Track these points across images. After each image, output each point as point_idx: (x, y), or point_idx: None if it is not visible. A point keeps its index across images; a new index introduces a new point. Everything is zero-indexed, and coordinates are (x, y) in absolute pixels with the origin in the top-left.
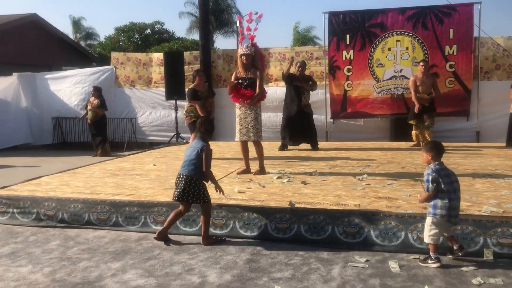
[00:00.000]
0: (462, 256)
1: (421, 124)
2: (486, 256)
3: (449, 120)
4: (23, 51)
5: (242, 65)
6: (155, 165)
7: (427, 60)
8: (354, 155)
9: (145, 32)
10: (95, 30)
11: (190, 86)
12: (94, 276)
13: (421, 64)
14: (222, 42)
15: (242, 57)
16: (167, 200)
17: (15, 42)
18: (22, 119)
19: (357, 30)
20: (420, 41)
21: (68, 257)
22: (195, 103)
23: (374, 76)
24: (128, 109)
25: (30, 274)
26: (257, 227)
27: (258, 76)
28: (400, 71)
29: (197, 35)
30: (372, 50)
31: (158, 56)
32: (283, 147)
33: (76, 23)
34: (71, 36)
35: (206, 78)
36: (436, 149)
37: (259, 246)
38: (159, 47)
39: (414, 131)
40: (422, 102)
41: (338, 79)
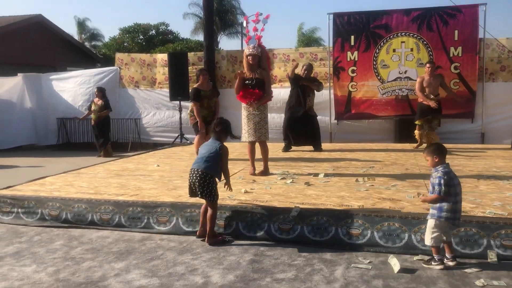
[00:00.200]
0: (452, 266)
1: (426, 125)
2: (490, 258)
3: (453, 122)
4: (28, 51)
5: (249, 65)
6: (159, 165)
7: (433, 61)
8: (358, 156)
9: (149, 33)
10: (100, 31)
11: (193, 86)
12: (98, 276)
13: (427, 65)
14: (227, 43)
15: (249, 57)
16: (170, 200)
17: (20, 43)
18: (27, 119)
19: (361, 31)
20: (425, 42)
21: (72, 257)
22: (194, 104)
23: (379, 77)
24: (132, 109)
25: (34, 273)
26: (260, 228)
27: (265, 77)
28: (405, 72)
29: (201, 36)
30: (377, 51)
31: (162, 57)
32: (287, 148)
33: (81, 24)
34: (76, 37)
35: (210, 77)
36: (441, 151)
37: (262, 247)
38: (163, 48)
39: (417, 131)
40: (434, 105)
41: (342, 80)
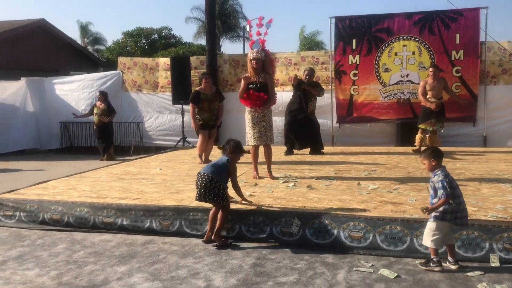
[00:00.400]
0: (454, 269)
1: (429, 129)
2: (492, 262)
3: (455, 125)
4: (31, 56)
5: (253, 69)
6: (161, 169)
7: (437, 65)
8: (360, 160)
9: (152, 37)
10: (103, 35)
11: (195, 89)
12: (100, 280)
13: (430, 69)
14: (229, 47)
15: (253, 61)
16: (173, 204)
17: (24, 47)
18: (30, 123)
19: (363, 35)
20: (427, 46)
21: (75, 260)
22: (191, 106)
23: (380, 81)
24: (134, 113)
25: (37, 277)
26: (263, 231)
27: (269, 81)
28: (407, 76)
29: (204, 40)
30: (379, 55)
31: (164, 61)
32: (289, 152)
33: (84, 28)
34: (79, 41)
35: (212, 81)
36: (438, 154)
37: (265, 250)
38: (166, 52)
39: (419, 135)
40: (436, 108)
41: (344, 83)
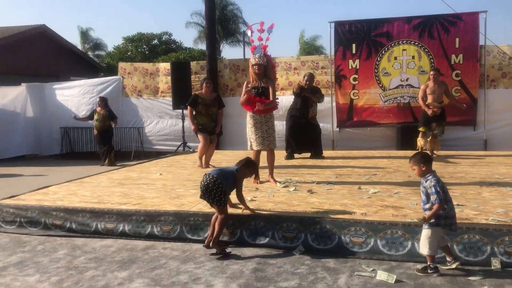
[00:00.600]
0: (455, 268)
1: (429, 133)
2: (493, 265)
3: (456, 129)
4: (32, 61)
5: (255, 74)
6: (161, 174)
7: (438, 69)
8: (360, 164)
9: (152, 43)
10: (103, 41)
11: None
12: (101, 285)
13: (431, 73)
14: (229, 52)
15: (255, 67)
16: (173, 209)
17: (24, 53)
18: (30, 129)
19: (363, 40)
20: (426, 50)
21: (75, 266)
22: (188, 110)
23: (380, 85)
24: (135, 118)
25: (37, 283)
26: (264, 236)
27: (270, 85)
28: (406, 80)
29: (204, 45)
30: (378, 59)
31: (165, 66)
32: (289, 156)
33: (84, 34)
34: (79, 46)
35: (213, 87)
36: (427, 159)
37: (266, 255)
38: (166, 57)
39: (420, 139)
40: (433, 110)
41: (344, 88)
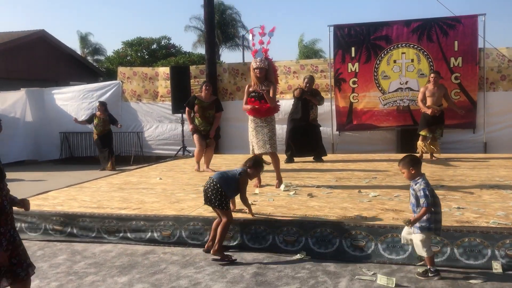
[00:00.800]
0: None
1: (429, 135)
2: (494, 269)
3: (455, 132)
4: (31, 66)
5: (256, 78)
6: (161, 178)
7: (438, 71)
8: (360, 167)
9: (152, 47)
10: (102, 46)
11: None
12: None
13: (431, 75)
14: (228, 56)
15: (256, 70)
16: (173, 213)
17: (24, 58)
18: (29, 134)
19: (362, 43)
20: (425, 53)
21: (75, 271)
22: (186, 111)
23: (380, 88)
24: (134, 123)
25: None
26: (265, 240)
27: (271, 88)
28: (406, 83)
29: (203, 49)
30: (378, 62)
31: (164, 70)
32: (290, 160)
33: (84, 39)
34: (79, 51)
35: (213, 90)
36: (416, 162)
37: (266, 260)
38: (165, 62)
39: (420, 142)
40: (432, 113)
41: (343, 91)
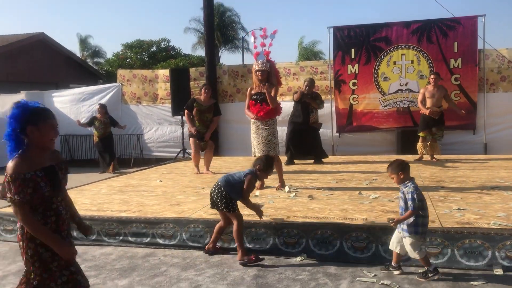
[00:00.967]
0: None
1: (429, 137)
2: (495, 270)
3: (455, 133)
4: (31, 69)
5: (258, 80)
6: (161, 181)
7: (438, 73)
8: (360, 169)
9: (151, 49)
10: (102, 48)
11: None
12: None
13: (431, 76)
14: (227, 58)
15: (258, 73)
16: (173, 216)
17: (23, 61)
18: None
19: (362, 44)
20: (425, 54)
21: None
22: (185, 113)
23: (380, 90)
24: (134, 125)
25: None
26: (265, 242)
27: (273, 92)
28: (406, 84)
29: (202, 51)
30: (377, 64)
31: (164, 73)
32: (289, 162)
33: (83, 41)
34: (79, 54)
35: (212, 94)
36: (405, 166)
37: (267, 261)
38: (165, 64)
39: (420, 143)
40: (432, 114)
41: (343, 93)
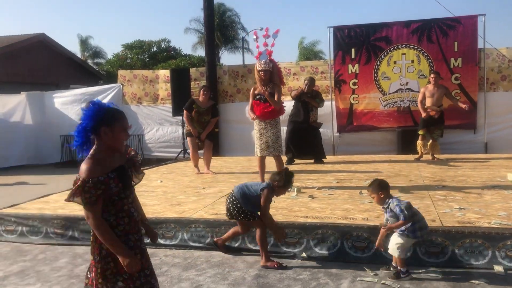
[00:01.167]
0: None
1: (428, 136)
2: (496, 269)
3: (456, 132)
4: (31, 70)
5: (261, 80)
6: (162, 181)
7: (438, 72)
8: (361, 168)
9: (152, 50)
10: (103, 49)
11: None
12: None
13: (431, 76)
14: (228, 58)
15: (261, 72)
16: (174, 216)
17: (24, 61)
18: (30, 137)
19: (362, 44)
20: (425, 54)
21: (77, 274)
22: (185, 114)
23: (380, 89)
24: (135, 126)
25: None
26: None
27: (276, 90)
28: (406, 84)
29: (202, 51)
30: (378, 63)
31: (164, 73)
32: (290, 161)
33: (84, 42)
34: (79, 54)
35: (211, 95)
36: (384, 186)
37: None
38: (166, 64)
39: (419, 142)
40: (431, 113)
41: (344, 92)
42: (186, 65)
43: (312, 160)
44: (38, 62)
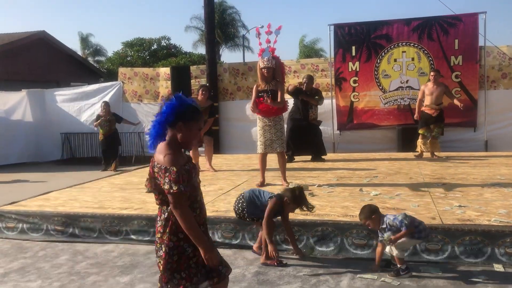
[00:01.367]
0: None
1: (428, 134)
2: (496, 267)
3: (456, 130)
4: (32, 67)
5: (263, 77)
6: None
7: (438, 70)
8: (361, 166)
9: (152, 47)
10: (103, 47)
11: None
12: None
13: (431, 74)
14: (228, 56)
15: (263, 70)
16: None
17: (24, 59)
18: (31, 135)
19: (362, 42)
20: (426, 51)
21: (77, 271)
22: None
23: (381, 87)
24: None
25: None
26: None
27: (279, 87)
28: (406, 81)
29: (202, 48)
30: (378, 61)
31: (165, 71)
32: (290, 159)
33: (84, 40)
34: (80, 52)
35: (209, 95)
36: (375, 208)
37: None
38: (166, 62)
39: (420, 140)
40: (431, 112)
41: (344, 90)
42: (186, 62)
43: (310, 157)
44: (38, 60)
